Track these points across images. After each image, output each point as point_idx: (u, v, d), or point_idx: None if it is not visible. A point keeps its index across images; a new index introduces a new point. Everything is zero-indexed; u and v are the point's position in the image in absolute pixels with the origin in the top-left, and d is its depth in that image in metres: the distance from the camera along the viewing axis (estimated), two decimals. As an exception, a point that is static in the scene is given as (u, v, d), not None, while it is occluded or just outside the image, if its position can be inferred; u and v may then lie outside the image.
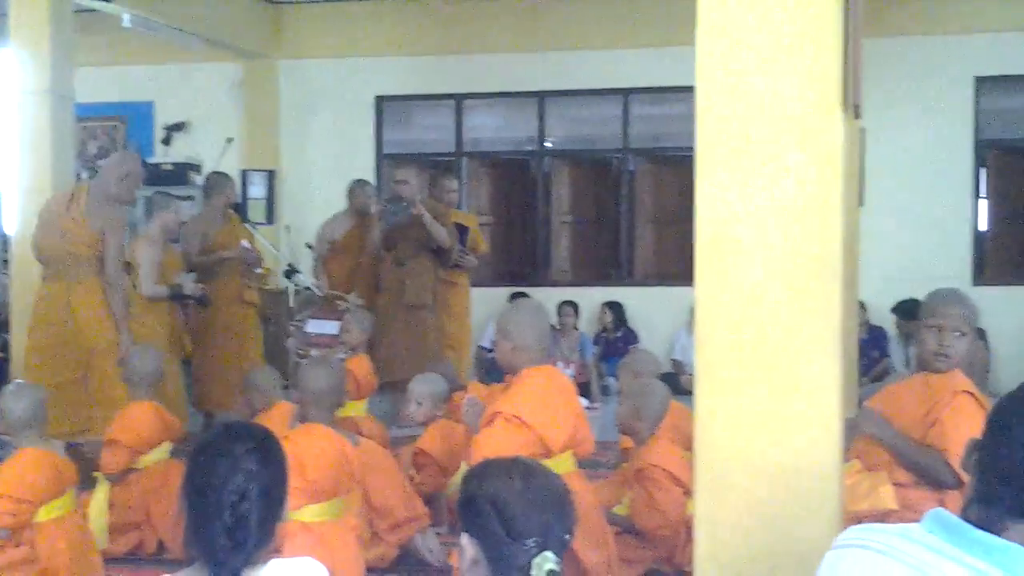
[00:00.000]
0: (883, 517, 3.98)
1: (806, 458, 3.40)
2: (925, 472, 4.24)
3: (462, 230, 9.63)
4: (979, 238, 11.73)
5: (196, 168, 12.41)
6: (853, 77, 3.32)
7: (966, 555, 1.99)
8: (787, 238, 3.37)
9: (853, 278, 9.04)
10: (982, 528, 2.03)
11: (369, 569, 5.18)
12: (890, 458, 4.34)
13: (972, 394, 4.29)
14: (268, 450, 2.62)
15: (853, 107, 3.40)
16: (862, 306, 10.42)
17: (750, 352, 3.41)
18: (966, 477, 2.16)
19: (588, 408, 8.42)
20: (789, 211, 3.36)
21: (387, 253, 9.30)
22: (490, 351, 9.97)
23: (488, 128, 13.64)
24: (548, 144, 12.99)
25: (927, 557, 2.01)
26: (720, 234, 3.42)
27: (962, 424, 4.18)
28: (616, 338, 11.80)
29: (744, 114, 3.38)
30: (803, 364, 3.39)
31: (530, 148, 12.92)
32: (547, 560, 2.29)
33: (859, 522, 2.49)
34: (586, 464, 5.31)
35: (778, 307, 3.39)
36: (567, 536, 2.37)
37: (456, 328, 9.78)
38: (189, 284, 8.55)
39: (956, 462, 4.09)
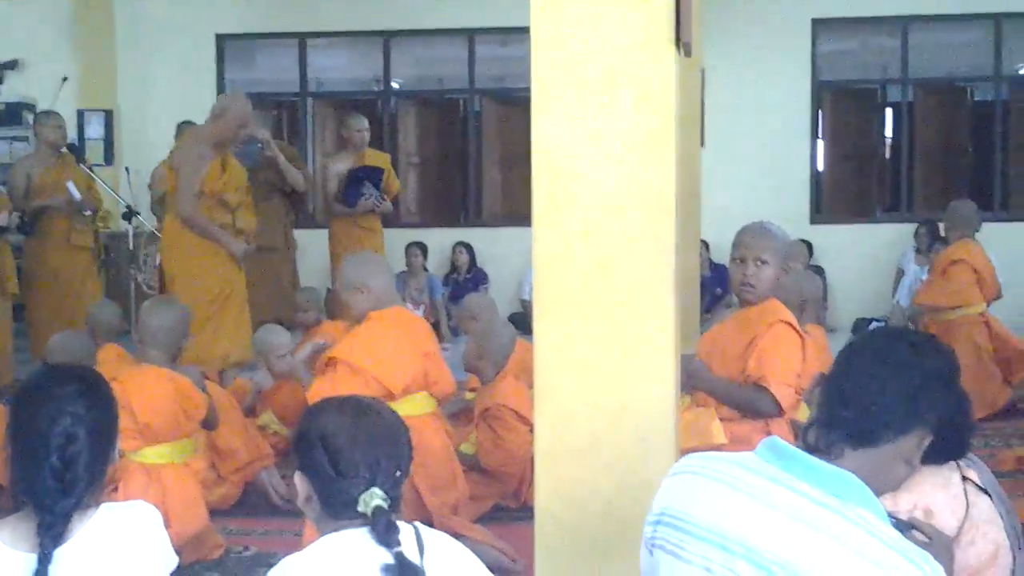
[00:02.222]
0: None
1: (643, 394, 3.44)
2: (747, 407, 4.34)
3: (375, 171, 9.24)
4: (816, 178, 12.02)
5: (31, 108, 11.99)
6: (685, 16, 3.35)
7: (800, 481, 2.04)
8: (621, 176, 3.39)
9: (695, 217, 9.20)
10: (819, 452, 2.10)
11: (212, 510, 5.12)
12: None
13: (789, 323, 4.39)
14: (95, 392, 2.56)
15: (684, 45, 3.42)
16: (704, 244, 10.62)
17: (587, 290, 3.43)
18: (787, 405, 2.22)
19: (439, 349, 8.45)
20: (623, 149, 3.38)
21: None
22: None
23: (333, 68, 13.45)
24: (394, 85, 12.88)
25: (760, 483, 2.06)
26: (555, 173, 3.42)
27: (779, 352, 4.29)
28: (466, 279, 11.82)
29: (578, 53, 3.38)
30: (639, 301, 3.42)
31: (376, 89, 12.79)
32: (375, 496, 2.29)
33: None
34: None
35: (614, 245, 3.42)
36: (398, 473, 2.36)
37: None
38: (3, 216, 8.32)
39: (776, 389, 4.21)
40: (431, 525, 3.25)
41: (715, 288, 11.00)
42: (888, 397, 2.09)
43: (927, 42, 12.22)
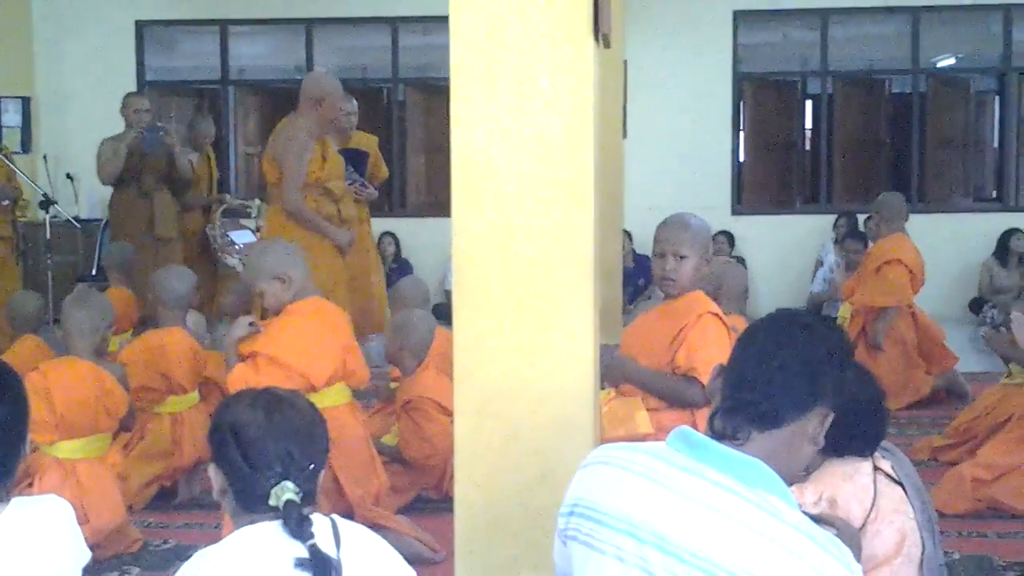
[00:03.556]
0: (639, 441, 4.07)
1: (562, 384, 3.45)
2: (674, 397, 4.37)
3: (360, 156, 8.54)
4: (738, 169, 12.13)
5: (-57, 94, 11.77)
6: (603, 7, 3.36)
7: (710, 469, 2.06)
8: (540, 166, 3.39)
9: (618, 208, 9.26)
10: (727, 438, 2.12)
11: (131, 507, 5.08)
12: None
13: (716, 315, 4.43)
14: (5, 384, 2.51)
15: (604, 37, 3.43)
16: (628, 235, 10.68)
17: (506, 279, 3.44)
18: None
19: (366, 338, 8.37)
20: (542, 139, 3.39)
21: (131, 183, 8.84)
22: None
23: (255, 56, 13.33)
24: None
25: (670, 472, 2.07)
26: (475, 164, 3.42)
27: (707, 343, 4.32)
28: (392, 269, 11.77)
29: (496, 42, 3.38)
30: (558, 291, 3.43)
31: (299, 77, 12.67)
32: (286, 490, 2.28)
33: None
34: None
35: (533, 234, 3.42)
36: (311, 466, 2.35)
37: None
38: None
39: (704, 379, 4.22)
40: (352, 517, 3.24)
41: (638, 279, 11.07)
42: (787, 377, 2.12)
43: (846, 35, 12.38)
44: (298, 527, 2.24)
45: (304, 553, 2.20)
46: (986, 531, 4.98)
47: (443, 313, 9.66)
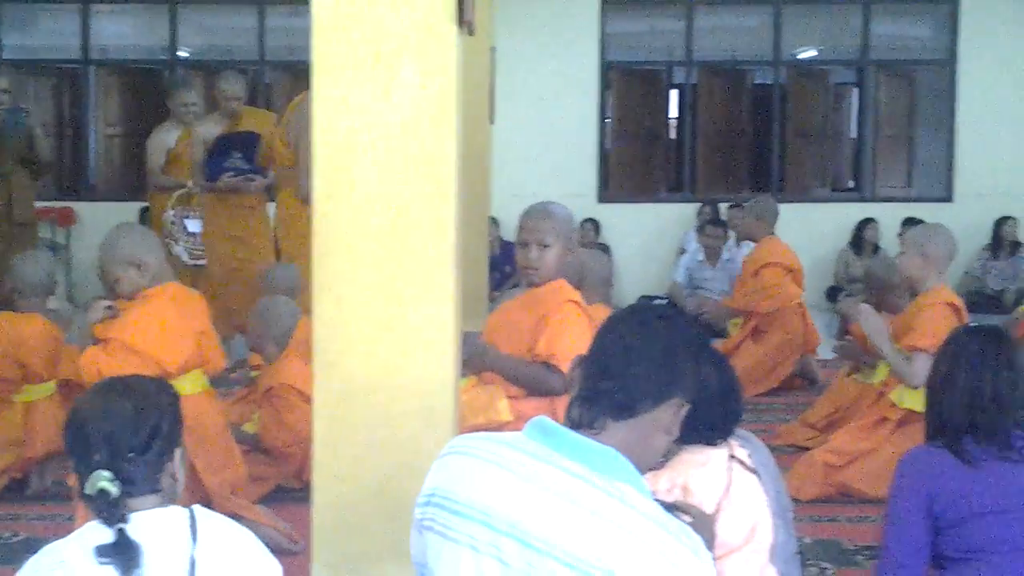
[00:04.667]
0: (499, 429, 4.08)
1: (423, 372, 3.46)
2: (535, 386, 4.40)
3: (248, 140, 8.03)
4: (604, 157, 12.23)
5: None
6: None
7: (565, 459, 2.07)
8: (402, 153, 3.39)
9: (484, 194, 9.26)
10: (583, 427, 2.13)
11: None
12: None
13: (577, 303, 4.46)
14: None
15: (467, 24, 3.43)
16: (494, 221, 10.70)
17: (367, 266, 3.43)
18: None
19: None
20: (404, 126, 3.38)
21: None
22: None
23: (118, 36, 13.01)
24: (182, 54, 12.54)
25: (526, 462, 2.08)
26: (336, 150, 3.40)
27: (567, 332, 4.35)
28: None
29: (359, 29, 3.36)
30: (419, 278, 3.43)
31: (163, 58, 12.43)
32: (100, 478, 2.25)
33: (473, 433, 2.54)
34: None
35: (395, 221, 3.42)
36: (132, 455, 2.31)
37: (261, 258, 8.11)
38: None
39: (564, 368, 4.25)
40: (210, 505, 3.19)
41: (505, 266, 11.09)
42: (643, 367, 2.14)
43: (711, 25, 12.55)
44: (107, 515, 2.21)
45: (108, 540, 2.18)
46: (837, 515, 5.10)
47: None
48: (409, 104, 3.37)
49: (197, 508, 2.36)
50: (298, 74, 12.23)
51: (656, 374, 2.16)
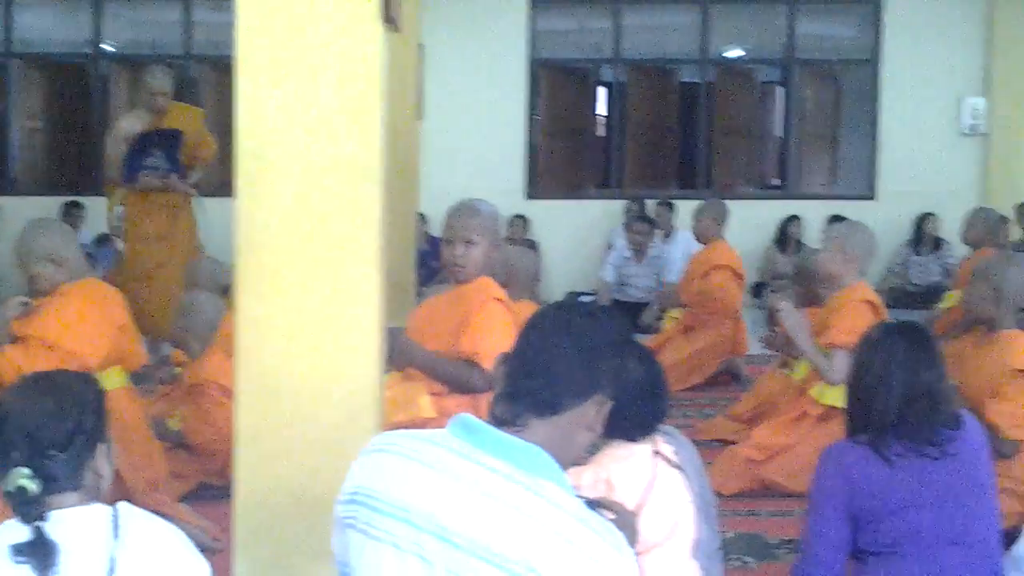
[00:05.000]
0: (422, 426, 4.08)
1: (346, 369, 3.44)
2: (457, 382, 4.40)
3: (169, 138, 7.79)
4: (532, 154, 12.24)
5: None
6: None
7: (488, 456, 2.07)
8: (327, 149, 3.37)
9: (412, 190, 9.23)
10: (507, 424, 2.13)
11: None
12: None
13: (501, 301, 4.47)
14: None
15: (392, 20, 3.42)
16: (423, 218, 10.66)
17: (290, 263, 3.41)
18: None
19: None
20: (328, 122, 3.36)
21: None
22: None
23: (41, 29, 12.80)
24: (106, 48, 12.37)
25: (449, 459, 2.08)
26: (259, 145, 3.38)
27: (491, 329, 4.36)
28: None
29: (283, 25, 3.34)
30: (343, 275, 3.41)
31: (87, 51, 12.26)
32: (18, 475, 2.22)
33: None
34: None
35: (318, 217, 3.40)
36: (52, 452, 2.28)
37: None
38: None
39: (487, 366, 4.26)
40: (131, 503, 3.15)
41: (432, 261, 11.05)
42: (567, 364, 2.15)
43: (639, 24, 12.59)
44: (23, 514, 2.18)
45: (25, 538, 2.15)
46: (759, 510, 5.16)
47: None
48: (333, 101, 3.36)
49: (122, 505, 2.33)
50: (224, 69, 12.06)
51: (579, 372, 2.16)
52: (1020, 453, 4.48)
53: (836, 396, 5.31)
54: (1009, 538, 3.49)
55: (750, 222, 11.72)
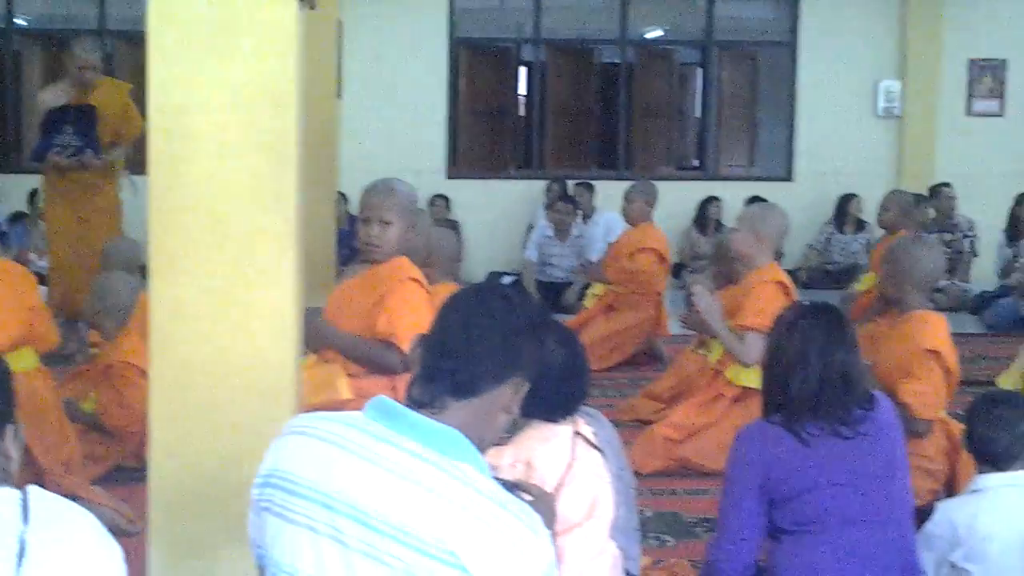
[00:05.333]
0: (340, 408, 4.05)
1: (263, 351, 3.41)
2: (374, 363, 4.38)
3: (84, 114, 7.42)
4: (453, 133, 12.20)
5: None
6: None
7: (405, 438, 2.06)
8: (241, 128, 3.33)
9: (331, 169, 9.19)
10: (424, 407, 2.13)
11: None
12: None
13: (418, 281, 4.45)
14: None
15: (307, -2, 3.39)
16: (343, 197, 10.61)
17: (205, 243, 3.37)
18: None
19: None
20: (243, 101, 3.32)
21: None
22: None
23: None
24: (19, 22, 12.14)
25: (366, 442, 2.07)
26: (172, 123, 3.33)
27: (408, 309, 4.33)
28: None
29: (195, 1, 3.29)
30: (258, 255, 3.38)
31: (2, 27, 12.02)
32: None
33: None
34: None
35: (233, 196, 3.36)
36: None
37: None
38: None
39: (404, 346, 4.23)
40: (43, 485, 3.09)
41: (353, 241, 10.97)
42: (484, 346, 2.15)
43: (559, 4, 12.60)
44: None
45: None
46: (677, 489, 5.20)
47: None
48: (247, 78, 3.32)
49: (32, 488, 2.28)
50: (140, 44, 11.90)
51: (497, 354, 2.16)
52: (932, 432, 4.56)
53: (750, 377, 5.39)
54: (921, 516, 3.54)
55: (670, 203, 11.73)
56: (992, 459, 3.50)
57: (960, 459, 4.59)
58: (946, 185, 11.06)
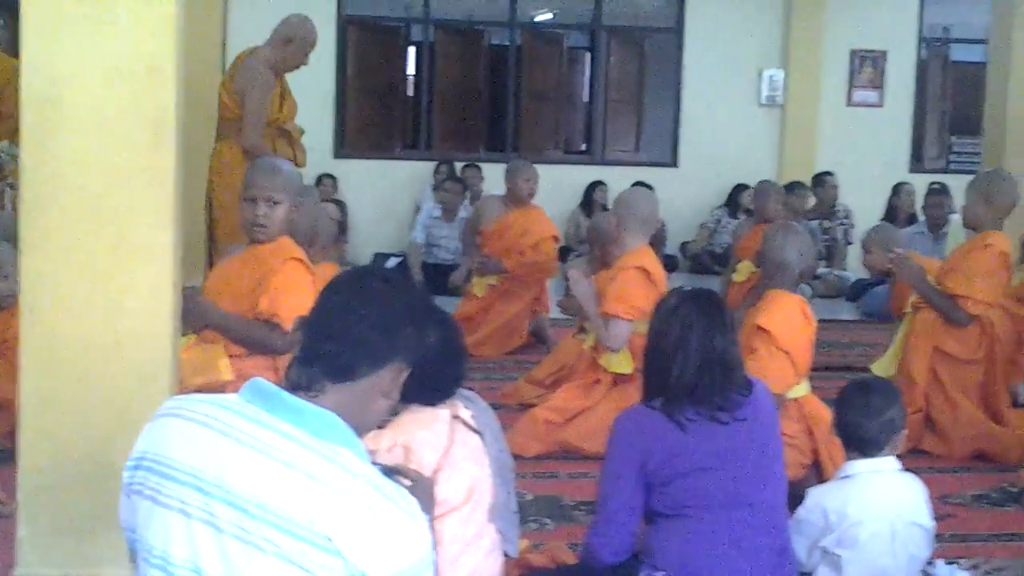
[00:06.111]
0: (221, 389, 4.01)
1: (139, 330, 3.36)
2: (256, 344, 4.33)
3: None
4: (341, 113, 12.10)
5: None
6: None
7: (280, 421, 2.04)
8: (118, 103, 3.27)
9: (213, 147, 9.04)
10: (302, 389, 2.10)
11: None
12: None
13: (301, 261, 4.41)
14: None
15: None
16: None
17: (78, 219, 3.30)
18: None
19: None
20: (119, 76, 3.27)
21: None
22: None
23: None
24: None
25: (241, 424, 2.04)
26: (45, 97, 3.25)
27: (291, 290, 4.29)
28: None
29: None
30: (134, 233, 3.32)
31: None
32: None
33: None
34: None
35: (110, 172, 3.30)
36: None
37: None
38: None
39: (287, 326, 4.21)
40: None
41: (237, 219, 10.86)
42: (365, 330, 2.14)
43: (449, -16, 12.59)
44: None
45: None
46: (557, 472, 5.22)
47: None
48: (124, 51, 3.26)
49: None
50: (15, 18, 11.62)
51: (377, 339, 2.15)
52: (784, 409, 4.65)
53: (619, 363, 5.46)
54: (793, 492, 3.61)
55: (556, 186, 11.83)
56: (860, 446, 3.59)
57: (821, 440, 4.71)
58: (829, 174, 11.29)
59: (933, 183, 10.66)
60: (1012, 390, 6.32)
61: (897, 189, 11.49)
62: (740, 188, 11.88)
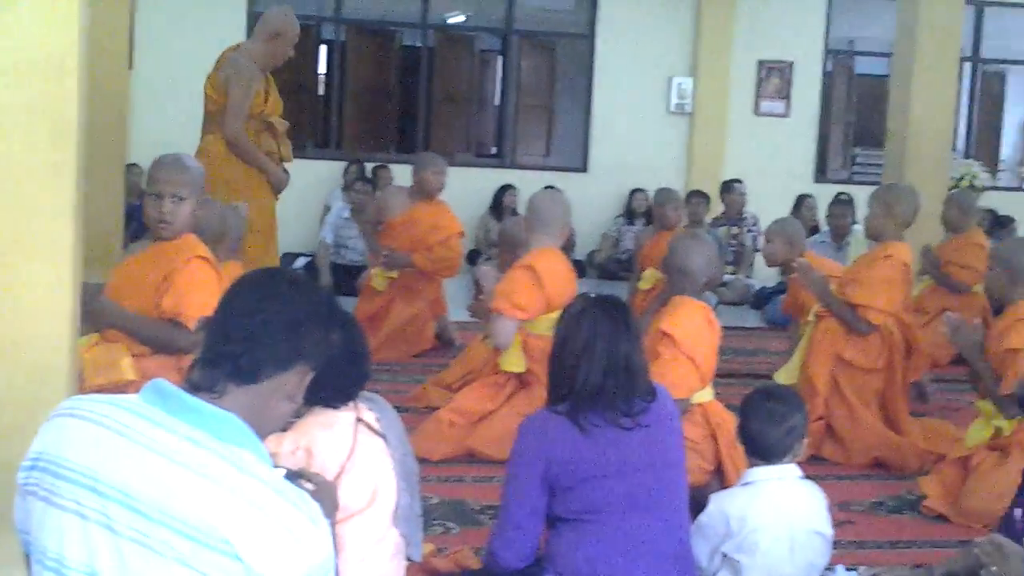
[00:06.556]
0: (124, 389, 3.94)
1: (36, 329, 3.30)
2: (159, 343, 4.27)
3: None
4: (252, 110, 11.96)
5: None
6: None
7: (180, 423, 2.01)
8: (17, 98, 3.22)
9: (121, 141, 8.92)
10: (204, 391, 2.08)
11: None
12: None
13: (206, 259, 4.36)
14: None
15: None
16: (136, 169, 10.29)
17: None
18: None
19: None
20: (19, 70, 3.21)
21: None
22: None
23: None
24: None
25: (139, 425, 2.01)
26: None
27: (195, 288, 4.24)
28: None
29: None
30: (33, 230, 3.27)
31: None
32: None
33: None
34: None
35: (10, 168, 3.23)
36: None
37: None
38: None
39: (191, 325, 4.16)
40: None
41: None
42: (269, 332, 2.11)
43: (363, -16, 12.52)
44: None
45: None
46: (463, 476, 5.22)
47: None
48: (26, 44, 3.19)
49: None
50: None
51: (282, 341, 2.12)
52: (689, 413, 4.69)
53: (511, 362, 5.52)
54: (695, 496, 3.65)
55: (466, 189, 11.84)
56: (763, 453, 3.63)
57: (724, 446, 4.76)
58: (738, 181, 11.43)
59: (839, 193, 10.84)
60: (921, 388, 6.47)
61: (799, 202, 11.68)
62: (635, 192, 11.99)
